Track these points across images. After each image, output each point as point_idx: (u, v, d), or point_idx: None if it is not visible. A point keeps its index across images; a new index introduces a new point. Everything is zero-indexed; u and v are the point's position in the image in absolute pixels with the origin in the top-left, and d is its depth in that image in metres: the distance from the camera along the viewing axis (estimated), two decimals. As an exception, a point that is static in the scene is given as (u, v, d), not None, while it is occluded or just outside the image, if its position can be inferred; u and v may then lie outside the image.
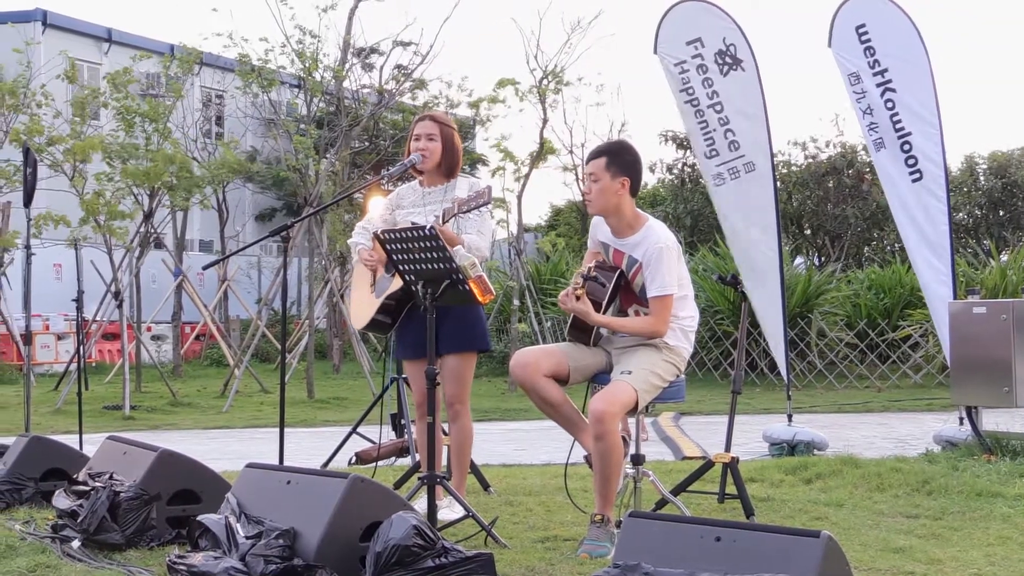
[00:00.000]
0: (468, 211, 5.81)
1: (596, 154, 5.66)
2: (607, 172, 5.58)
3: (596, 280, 5.61)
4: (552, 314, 18.96)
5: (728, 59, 9.48)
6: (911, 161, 9.31)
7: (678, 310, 5.57)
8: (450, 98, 21.55)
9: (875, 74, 9.38)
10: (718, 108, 9.51)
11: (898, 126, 9.33)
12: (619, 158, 5.62)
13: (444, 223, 5.80)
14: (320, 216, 18.55)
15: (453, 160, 6.18)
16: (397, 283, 5.92)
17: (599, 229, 5.81)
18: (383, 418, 8.68)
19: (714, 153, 9.57)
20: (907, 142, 9.31)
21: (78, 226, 15.14)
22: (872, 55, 9.38)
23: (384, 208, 6.36)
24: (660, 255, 5.48)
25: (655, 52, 9.69)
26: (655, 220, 5.71)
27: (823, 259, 24.25)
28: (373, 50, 24.00)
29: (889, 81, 9.35)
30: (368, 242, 6.19)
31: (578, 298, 5.48)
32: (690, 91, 9.58)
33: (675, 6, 9.68)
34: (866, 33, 9.40)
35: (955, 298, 9.09)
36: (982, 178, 25.26)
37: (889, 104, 9.35)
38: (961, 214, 25.00)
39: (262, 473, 5.11)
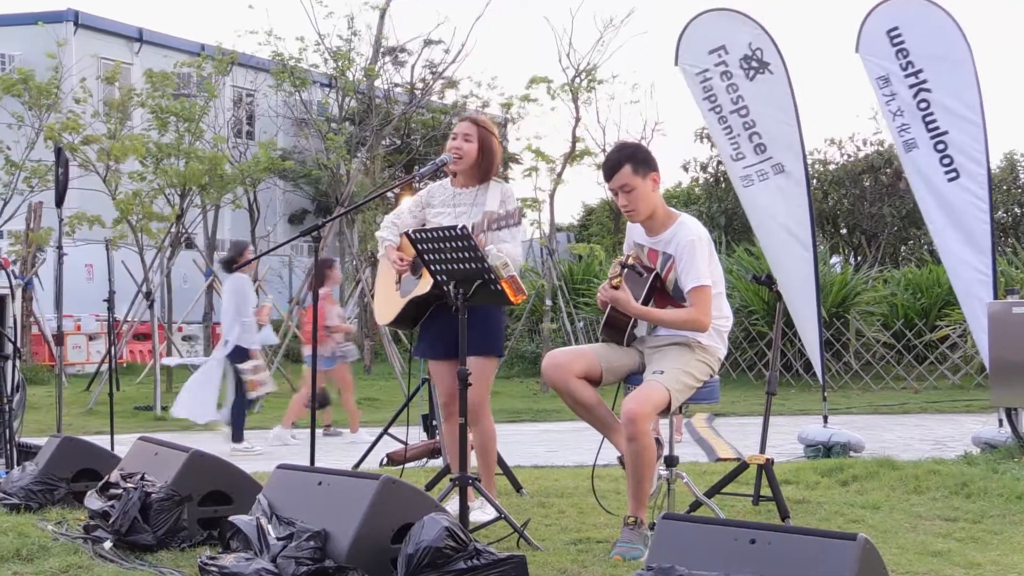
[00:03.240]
0: (497, 229, 5.81)
1: (616, 165, 5.51)
2: (637, 176, 5.52)
3: (634, 269, 5.58)
4: (585, 314, 18.94)
5: (755, 63, 9.49)
6: (946, 160, 9.25)
7: (711, 309, 5.54)
8: (480, 96, 21.61)
9: (907, 76, 9.35)
10: (743, 112, 9.54)
11: (932, 126, 9.28)
12: (638, 158, 5.56)
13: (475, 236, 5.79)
14: (351, 216, 18.60)
15: (489, 164, 6.17)
16: (423, 286, 5.92)
17: (634, 231, 5.79)
18: (413, 419, 8.71)
19: (740, 156, 9.60)
20: (942, 141, 9.26)
21: (112, 226, 15.23)
22: (905, 56, 9.34)
23: (414, 204, 6.36)
24: (692, 247, 5.45)
25: (676, 64, 9.73)
26: (687, 216, 5.68)
27: (859, 259, 24.13)
28: (403, 49, 24.08)
29: (924, 82, 9.30)
30: (396, 239, 6.19)
31: (616, 287, 5.45)
32: (712, 99, 9.63)
33: (696, 17, 9.74)
34: (899, 36, 9.36)
35: (996, 298, 9.02)
36: (1022, 175, 25.08)
37: (923, 104, 9.31)
38: (1000, 212, 24.84)
39: (293, 474, 5.12)
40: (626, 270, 5.53)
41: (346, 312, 18.09)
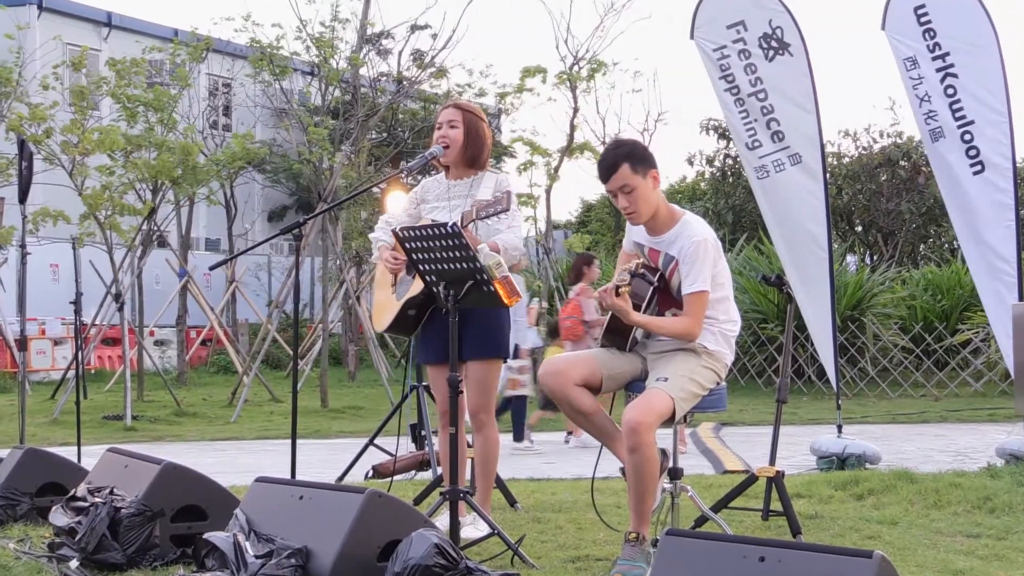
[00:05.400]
0: (486, 217, 5.81)
1: (613, 166, 5.50)
2: (637, 176, 5.51)
3: (644, 278, 5.58)
4: (583, 317, 18.93)
5: (774, 43, 9.43)
6: (972, 152, 9.23)
7: (718, 313, 5.55)
8: (473, 86, 21.61)
9: (935, 58, 9.31)
10: (761, 96, 9.46)
11: (959, 114, 9.25)
12: (636, 156, 5.54)
13: (463, 227, 5.80)
14: (335, 213, 18.60)
15: (477, 149, 6.17)
16: (418, 285, 5.92)
17: (633, 230, 5.79)
18: (402, 429, 8.70)
19: (757, 144, 9.52)
20: (968, 132, 9.23)
21: (79, 223, 15.19)
22: (932, 38, 9.31)
23: (409, 203, 6.38)
24: (696, 249, 5.45)
25: (692, 37, 9.67)
26: (691, 215, 5.68)
27: (875, 258, 24.15)
28: (388, 35, 24.09)
29: (951, 66, 9.26)
30: (390, 239, 6.19)
31: (618, 294, 5.44)
32: (730, 78, 9.54)
33: None
34: (926, 14, 9.33)
35: (1021, 299, 9.02)
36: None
37: (950, 91, 9.28)
38: (1025, 209, 24.90)
39: (273, 488, 5.12)
40: (635, 279, 5.53)
41: (329, 315, 18.11)
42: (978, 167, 9.21)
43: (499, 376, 6.21)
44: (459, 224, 5.77)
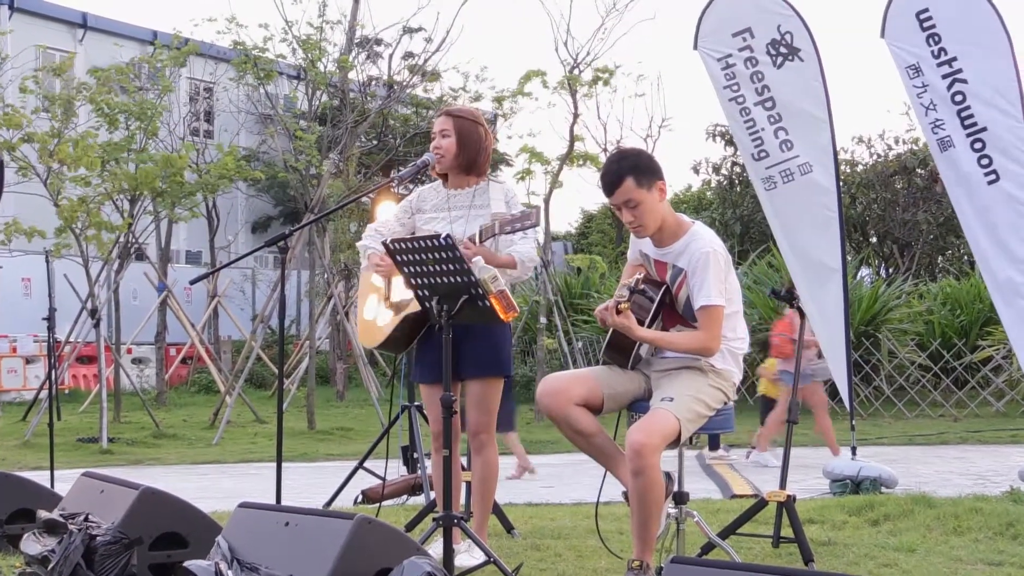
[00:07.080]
0: (512, 232, 5.81)
1: (617, 180, 5.49)
2: (642, 189, 5.50)
3: (644, 294, 5.57)
4: (584, 333, 18.93)
5: (783, 49, 9.43)
6: (984, 160, 9.20)
7: (726, 330, 5.53)
8: (468, 90, 21.65)
9: (940, 64, 9.29)
10: (768, 104, 9.46)
11: (968, 122, 9.23)
12: (641, 168, 5.52)
13: (482, 242, 5.80)
14: (322, 224, 18.61)
15: (471, 155, 6.17)
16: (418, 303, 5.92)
17: (639, 240, 5.78)
18: (393, 451, 8.69)
19: (763, 155, 9.51)
20: (979, 139, 9.21)
21: (55, 236, 15.16)
22: (937, 43, 9.30)
23: (402, 211, 6.37)
24: (707, 261, 5.44)
25: (695, 48, 9.67)
26: (701, 225, 5.67)
27: (891, 270, 24.15)
28: (378, 41, 24.12)
29: (958, 71, 9.25)
30: (380, 247, 6.18)
31: (619, 312, 5.42)
32: (735, 87, 9.54)
33: None
34: (929, 18, 9.32)
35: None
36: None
37: (958, 97, 9.27)
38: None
39: (257, 514, 5.11)
40: (635, 295, 5.51)
41: (317, 332, 18.09)
42: (992, 176, 9.18)
43: (499, 395, 6.19)
44: (477, 237, 5.79)
